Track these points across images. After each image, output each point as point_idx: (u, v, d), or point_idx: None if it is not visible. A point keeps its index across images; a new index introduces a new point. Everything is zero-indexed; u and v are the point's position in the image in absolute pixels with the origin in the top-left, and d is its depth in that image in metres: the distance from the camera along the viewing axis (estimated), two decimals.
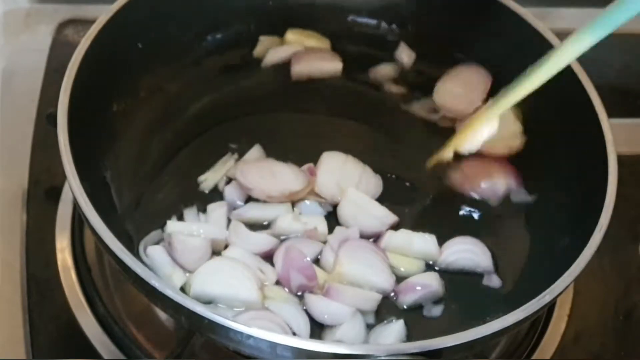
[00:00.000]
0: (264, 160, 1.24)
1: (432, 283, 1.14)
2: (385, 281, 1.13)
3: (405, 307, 1.14)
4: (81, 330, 1.17)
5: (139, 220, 1.17)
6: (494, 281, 1.17)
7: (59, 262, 1.23)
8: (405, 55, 1.38)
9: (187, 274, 1.12)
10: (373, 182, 1.23)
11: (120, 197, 1.18)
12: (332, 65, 1.36)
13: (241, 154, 1.25)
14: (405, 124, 1.33)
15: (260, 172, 1.20)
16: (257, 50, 1.36)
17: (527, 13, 1.29)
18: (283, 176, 1.21)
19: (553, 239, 1.18)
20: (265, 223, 1.19)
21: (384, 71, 1.38)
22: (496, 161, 1.27)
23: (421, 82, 1.36)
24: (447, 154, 1.20)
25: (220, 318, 0.96)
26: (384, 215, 1.20)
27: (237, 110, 1.32)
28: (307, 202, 1.21)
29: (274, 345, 0.96)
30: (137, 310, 1.20)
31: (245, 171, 1.20)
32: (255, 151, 1.25)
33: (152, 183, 1.22)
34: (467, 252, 1.18)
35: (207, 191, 1.21)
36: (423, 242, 1.18)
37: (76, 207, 1.19)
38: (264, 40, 1.37)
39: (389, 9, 1.38)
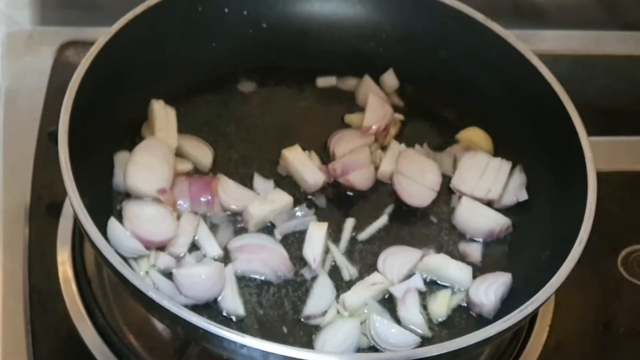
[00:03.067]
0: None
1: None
2: None
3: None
4: (81, 340, 1.18)
5: None
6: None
7: (60, 275, 1.23)
8: (389, 80, 1.39)
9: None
10: None
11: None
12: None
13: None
14: None
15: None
16: None
17: (510, 35, 1.30)
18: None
19: (535, 252, 1.19)
20: (240, 221, 1.21)
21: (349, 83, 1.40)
22: None
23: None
24: None
25: (215, 328, 0.97)
26: None
27: (235, 128, 1.33)
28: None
29: (266, 354, 0.98)
30: (135, 321, 1.20)
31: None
32: None
33: None
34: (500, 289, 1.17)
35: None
36: (458, 270, 1.19)
37: (76, 222, 1.19)
38: None
39: (375, 32, 1.40)
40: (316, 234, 1.19)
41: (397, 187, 1.27)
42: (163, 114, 1.28)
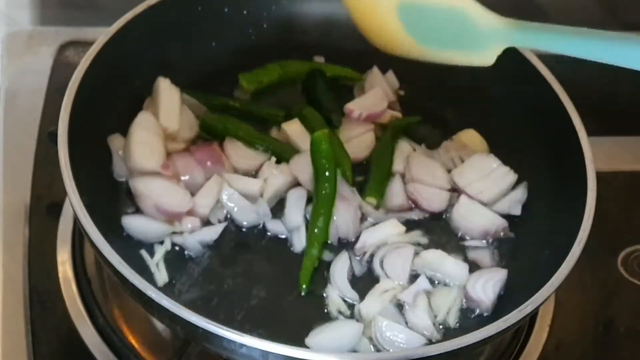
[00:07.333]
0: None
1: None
2: None
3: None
4: (81, 340, 1.18)
5: None
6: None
7: (60, 275, 1.24)
8: (388, 81, 1.39)
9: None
10: None
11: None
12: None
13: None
14: None
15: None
16: None
17: None
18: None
19: (534, 252, 1.20)
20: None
21: None
22: None
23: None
24: None
25: (214, 327, 0.98)
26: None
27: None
28: None
29: (265, 353, 0.98)
30: (135, 321, 1.21)
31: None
32: None
33: None
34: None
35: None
36: (455, 266, 1.19)
37: (76, 222, 1.20)
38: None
39: None
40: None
41: (416, 196, 1.26)
42: (168, 96, 1.28)
